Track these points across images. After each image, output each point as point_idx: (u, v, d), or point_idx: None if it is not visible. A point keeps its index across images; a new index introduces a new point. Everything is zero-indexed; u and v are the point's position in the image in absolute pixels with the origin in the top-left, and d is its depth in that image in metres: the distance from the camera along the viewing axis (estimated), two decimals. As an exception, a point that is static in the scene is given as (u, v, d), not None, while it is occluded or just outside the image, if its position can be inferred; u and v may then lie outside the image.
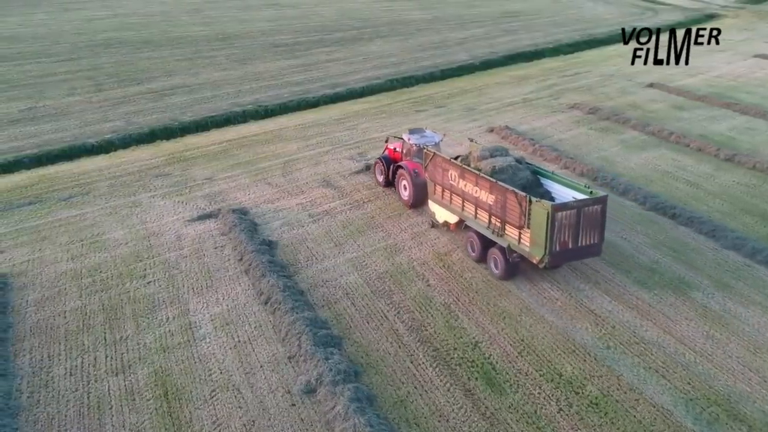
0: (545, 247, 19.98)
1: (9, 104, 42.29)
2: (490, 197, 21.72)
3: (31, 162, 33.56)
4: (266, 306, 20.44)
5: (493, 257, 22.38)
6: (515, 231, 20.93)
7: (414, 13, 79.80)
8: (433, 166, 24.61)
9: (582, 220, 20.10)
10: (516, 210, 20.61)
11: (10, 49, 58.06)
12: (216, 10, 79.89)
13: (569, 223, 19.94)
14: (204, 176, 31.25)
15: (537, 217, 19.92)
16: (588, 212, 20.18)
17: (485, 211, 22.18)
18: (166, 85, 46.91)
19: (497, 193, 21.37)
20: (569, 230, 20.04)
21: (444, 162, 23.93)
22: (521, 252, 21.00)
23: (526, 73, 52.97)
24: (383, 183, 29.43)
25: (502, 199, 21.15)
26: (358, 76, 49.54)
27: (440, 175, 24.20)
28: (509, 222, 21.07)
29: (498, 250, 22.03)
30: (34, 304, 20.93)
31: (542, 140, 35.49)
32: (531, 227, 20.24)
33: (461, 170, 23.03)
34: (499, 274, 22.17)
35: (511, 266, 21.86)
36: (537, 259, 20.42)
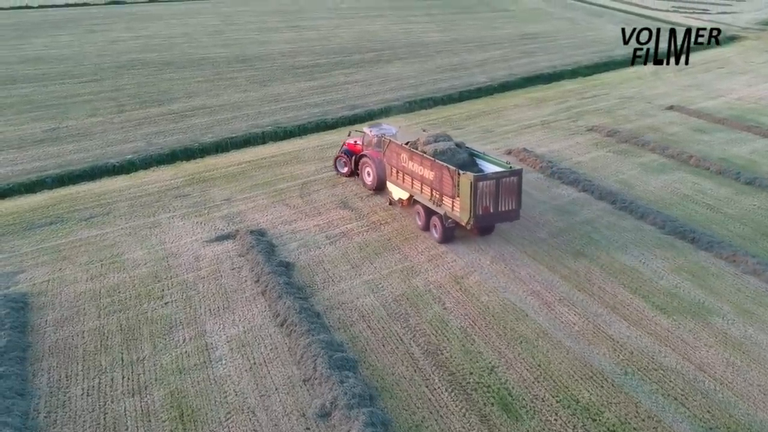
0: (470, 211, 24.46)
1: (33, 125, 42.98)
2: (431, 173, 26.15)
3: (53, 182, 34.05)
4: (282, 328, 20.48)
5: (433, 224, 26.86)
6: (449, 200, 25.37)
7: (433, 35, 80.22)
8: (389, 151, 28.98)
9: (500, 188, 24.69)
10: (449, 182, 25.08)
11: (35, 70, 59.09)
12: (237, 33, 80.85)
13: (489, 191, 24.51)
14: (223, 197, 31.49)
15: (463, 186, 24.40)
16: (505, 182, 24.78)
17: (428, 186, 26.58)
18: (186, 107, 47.46)
19: (436, 169, 25.82)
20: (490, 197, 24.61)
21: (397, 147, 28.29)
22: (454, 217, 25.48)
23: (544, 95, 52.98)
24: (347, 173, 33.44)
25: (440, 175, 25.63)
26: (376, 98, 49.82)
27: (395, 159, 28.61)
28: (445, 193, 25.53)
29: (437, 218, 26.47)
30: (53, 323, 21.13)
31: (560, 162, 35.42)
32: (460, 196, 24.69)
33: (410, 153, 27.43)
34: (438, 238, 26.54)
35: (447, 231, 26.25)
36: (465, 221, 24.91)
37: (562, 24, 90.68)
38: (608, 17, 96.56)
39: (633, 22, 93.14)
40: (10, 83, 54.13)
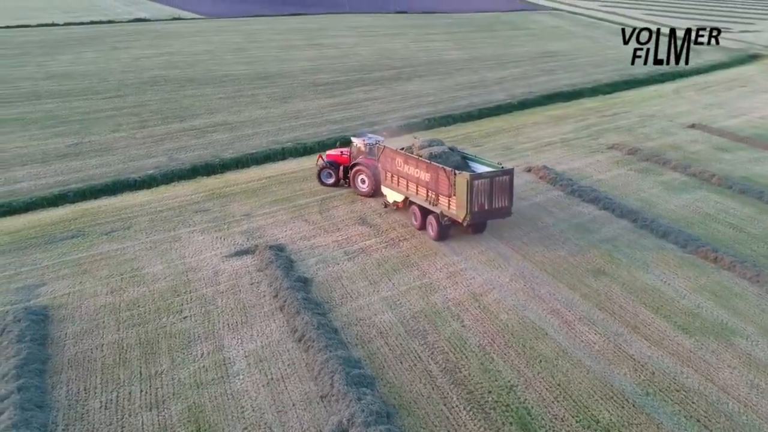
0: (466, 209, 26.02)
1: (57, 139, 43.54)
2: (427, 175, 27.76)
3: (75, 196, 34.40)
4: (300, 343, 20.45)
5: (429, 223, 28.37)
6: (446, 199, 26.98)
7: (452, 53, 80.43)
8: (384, 157, 30.56)
9: (494, 187, 26.39)
10: (445, 183, 26.72)
11: (60, 86, 59.95)
12: (259, 50, 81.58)
13: (484, 189, 26.18)
14: (242, 212, 31.63)
15: (460, 186, 26.05)
16: (498, 181, 26.51)
17: (423, 187, 28.22)
18: (208, 123, 47.86)
19: (432, 171, 27.47)
20: (484, 195, 26.25)
21: (392, 152, 29.89)
22: (450, 215, 27.08)
23: (564, 113, 52.83)
24: (333, 184, 34.67)
25: (435, 176, 27.29)
26: (395, 115, 49.95)
27: (389, 164, 30.18)
28: (441, 193, 27.17)
29: (433, 217, 28.01)
30: (72, 336, 21.26)
31: (580, 180, 35.23)
32: (456, 194, 26.33)
33: (406, 157, 29.06)
34: (434, 236, 28.16)
35: (443, 228, 27.82)
36: (461, 218, 26.49)
37: (582, 42, 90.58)
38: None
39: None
40: (35, 99, 54.94)
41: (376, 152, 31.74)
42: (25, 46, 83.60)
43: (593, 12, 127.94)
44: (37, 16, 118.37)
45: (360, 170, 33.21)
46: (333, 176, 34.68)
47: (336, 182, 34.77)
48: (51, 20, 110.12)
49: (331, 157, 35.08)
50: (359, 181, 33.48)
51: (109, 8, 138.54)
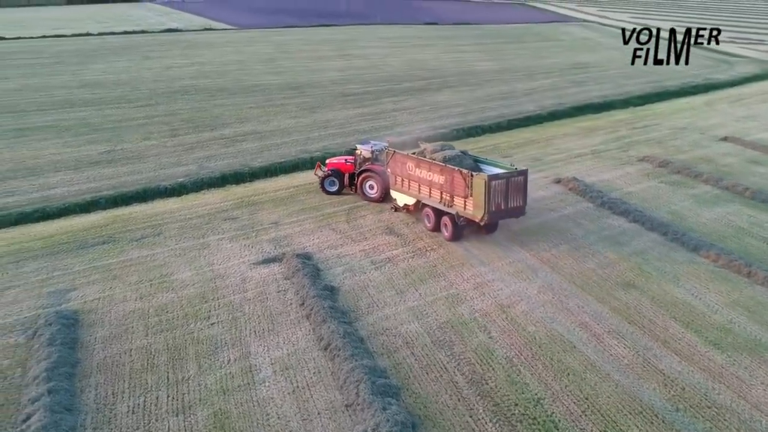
0: (484, 208, 26.91)
1: (89, 147, 44.23)
2: (441, 178, 28.60)
3: (107, 203, 34.89)
4: (326, 352, 20.44)
5: (444, 224, 29.19)
6: (461, 200, 27.85)
7: (482, 64, 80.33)
8: (393, 162, 31.35)
9: (509, 187, 27.44)
10: (461, 184, 27.60)
11: (93, 94, 60.97)
12: (289, 61, 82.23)
13: (500, 189, 27.18)
14: (270, 221, 31.81)
15: (477, 186, 26.94)
16: (513, 181, 27.59)
17: (437, 190, 29.01)
18: (238, 132, 48.30)
19: (447, 173, 28.32)
20: (501, 195, 27.27)
21: (403, 157, 30.73)
22: (466, 216, 27.92)
23: (594, 125, 52.42)
24: (336, 192, 34.95)
25: (450, 178, 28.13)
26: (425, 125, 49.89)
27: (399, 168, 30.99)
28: (456, 194, 27.99)
29: (448, 218, 28.83)
30: (101, 341, 21.49)
31: (610, 192, 34.87)
32: (473, 195, 27.19)
33: (418, 161, 29.89)
34: (448, 236, 29.02)
35: (458, 229, 28.70)
36: (479, 218, 27.36)
37: (613, 54, 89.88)
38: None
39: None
40: (69, 107, 55.94)
41: (385, 158, 32.41)
42: (61, 55, 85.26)
43: (624, 24, 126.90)
44: (72, 26, 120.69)
45: (368, 176, 33.74)
46: (336, 184, 35.01)
47: (339, 190, 35.08)
48: (86, 30, 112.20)
49: (333, 165, 35.40)
50: (367, 187, 34.00)
51: (142, 19, 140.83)
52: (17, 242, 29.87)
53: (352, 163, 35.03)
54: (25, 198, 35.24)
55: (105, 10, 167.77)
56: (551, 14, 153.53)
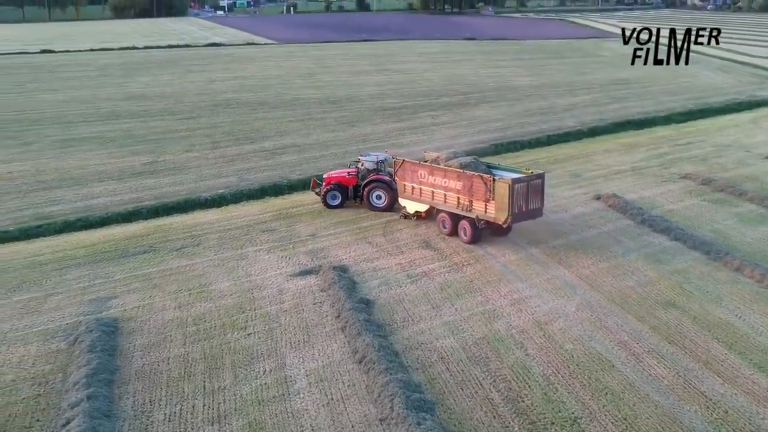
0: (508, 210, 27.95)
1: (133, 158, 45.12)
2: (459, 183, 29.48)
3: (148, 213, 35.54)
4: (360, 365, 20.42)
5: (462, 228, 30.00)
6: (481, 204, 28.79)
7: (522, 79, 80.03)
8: (402, 170, 32.22)
9: (529, 190, 28.69)
10: (482, 189, 28.60)
11: (138, 106, 62.27)
12: (328, 75, 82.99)
13: (522, 192, 28.39)
14: (308, 233, 32.01)
15: (500, 190, 28.01)
16: (533, 184, 28.91)
17: (454, 195, 29.85)
18: (277, 145, 48.83)
19: (465, 179, 29.21)
20: (522, 197, 28.44)
21: (415, 165, 31.67)
22: (487, 218, 28.93)
23: (635, 141, 51.75)
24: (338, 205, 35.08)
25: (469, 183, 29.05)
26: (462, 140, 49.87)
27: (410, 177, 31.78)
28: (476, 199, 28.94)
29: (467, 222, 29.68)
30: (140, 348, 21.79)
31: (651, 210, 34.32)
32: (495, 198, 28.17)
33: (432, 169, 30.82)
34: (467, 239, 29.87)
35: (477, 232, 29.61)
36: (502, 220, 28.37)
37: (655, 70, 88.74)
38: (704, 64, 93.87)
39: (730, 68, 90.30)
40: (114, 118, 57.20)
41: (393, 167, 33.15)
42: (107, 68, 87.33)
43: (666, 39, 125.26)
44: (118, 39, 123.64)
45: (375, 186, 34.29)
46: (339, 198, 35.16)
47: (342, 203, 35.25)
48: (131, 44, 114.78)
49: (335, 178, 35.51)
50: (374, 198, 34.52)
51: (186, 33, 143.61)
52: (61, 250, 30.55)
53: (353, 176, 35.30)
54: (69, 207, 36.09)
55: (150, 24, 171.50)
56: (591, 30, 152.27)
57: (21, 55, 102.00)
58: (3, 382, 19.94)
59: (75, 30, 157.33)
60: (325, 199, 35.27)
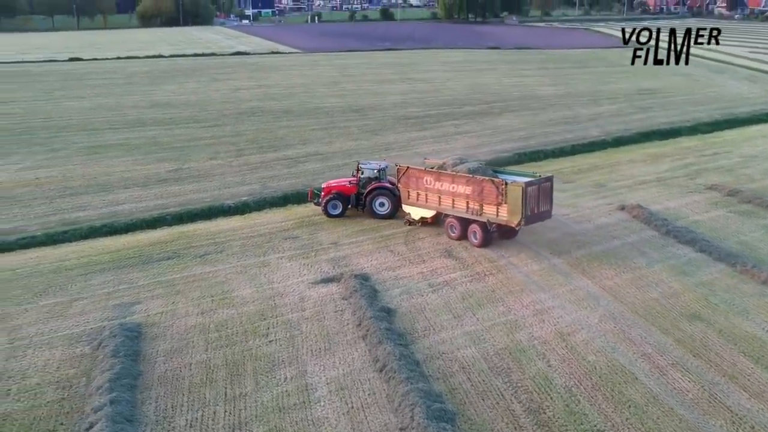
0: (521, 213, 28.64)
1: (158, 165, 45.61)
2: (468, 188, 30.11)
3: (173, 219, 35.88)
4: (381, 374, 20.40)
5: (473, 231, 30.61)
6: (493, 208, 29.46)
7: (546, 89, 79.71)
8: (406, 178, 32.67)
9: (540, 193, 29.61)
10: (493, 193, 29.29)
11: (164, 114, 62.98)
12: (352, 84, 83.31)
13: (534, 195, 29.24)
14: (330, 241, 32.09)
15: (513, 193, 28.68)
16: (543, 187, 29.94)
17: (463, 200, 30.48)
18: (301, 153, 49.07)
19: (475, 184, 29.86)
20: (534, 200, 29.27)
21: (418, 172, 32.25)
22: (499, 222, 29.70)
23: (660, 152, 51.26)
24: (339, 214, 34.95)
25: (480, 188, 29.71)
26: (485, 149, 49.77)
27: (414, 183, 32.30)
28: (487, 203, 29.59)
29: (477, 226, 30.31)
30: (163, 354, 21.96)
31: (676, 221, 33.95)
32: (508, 202, 28.82)
33: (438, 175, 31.39)
34: (478, 242, 30.53)
35: (488, 235, 30.36)
36: (515, 222, 29.10)
37: (680, 80, 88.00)
38: (731, 74, 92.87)
39: (758, 78, 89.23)
40: (140, 126, 57.90)
41: (396, 174, 33.38)
42: (133, 77, 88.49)
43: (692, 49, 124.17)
44: (145, 48, 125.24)
45: (378, 194, 34.44)
46: (340, 206, 35.02)
47: (343, 212, 35.15)
48: (158, 52, 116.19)
49: (335, 187, 35.43)
50: (377, 205, 34.61)
51: (212, 42, 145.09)
52: (86, 255, 30.92)
53: (354, 185, 35.30)
54: (95, 213, 36.55)
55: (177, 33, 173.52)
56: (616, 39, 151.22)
57: (50, 63, 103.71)
58: (28, 385, 20.21)
59: (103, 38, 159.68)
60: (325, 208, 35.12)
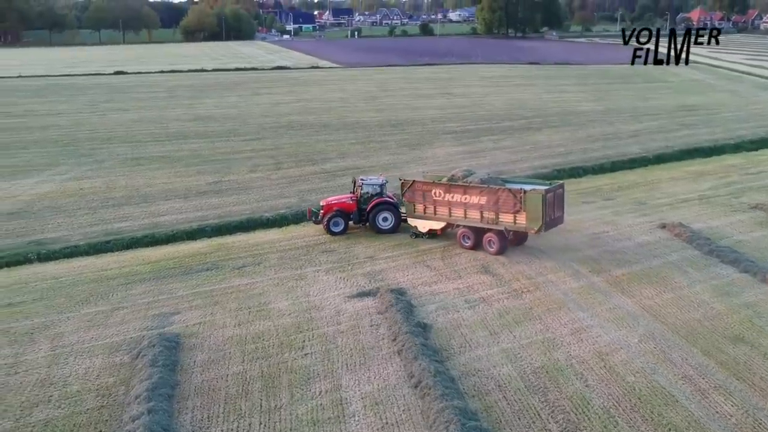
0: (542, 219, 29.49)
1: (199, 177, 46.29)
2: (483, 198, 30.73)
3: (212, 231, 36.37)
4: (416, 390, 20.29)
5: (489, 240, 31.35)
6: (510, 216, 30.21)
7: (586, 105, 79.05)
8: (412, 191, 32.97)
9: (555, 199, 30.77)
10: (510, 201, 29.99)
11: (205, 127, 63.98)
12: (391, 98, 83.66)
13: (552, 201, 30.37)
14: (366, 255, 32.14)
15: (533, 200, 29.50)
16: (558, 194, 31.12)
17: (476, 210, 31.02)
18: (338, 166, 49.37)
19: (490, 194, 30.55)
20: (552, 206, 30.37)
21: (426, 185, 32.61)
22: (519, 229, 30.55)
23: (703, 169, 50.36)
24: (342, 231, 34.74)
25: (495, 198, 30.40)
26: (524, 165, 49.49)
27: (420, 196, 32.65)
28: (503, 211, 30.31)
29: (494, 234, 31.02)
30: (200, 365, 22.17)
31: (719, 240, 33.23)
32: (527, 209, 29.59)
33: (448, 187, 31.90)
34: (496, 250, 31.21)
35: (505, 242, 31.12)
36: (535, 229, 29.91)
37: (724, 97, 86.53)
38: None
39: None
40: (182, 139, 58.90)
41: (401, 188, 33.70)
42: (176, 90, 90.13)
43: (736, 65, 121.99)
44: (188, 62, 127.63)
45: (382, 209, 34.65)
46: (342, 224, 34.87)
47: (345, 230, 34.97)
48: (200, 66, 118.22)
49: (336, 205, 35.28)
50: (381, 220, 34.79)
51: (253, 56, 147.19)
52: (128, 265, 31.46)
53: (354, 201, 35.23)
54: (137, 224, 37.22)
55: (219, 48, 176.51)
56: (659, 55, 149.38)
57: (96, 76, 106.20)
58: (69, 392, 20.56)
59: (147, 52, 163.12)
60: (328, 226, 34.79)
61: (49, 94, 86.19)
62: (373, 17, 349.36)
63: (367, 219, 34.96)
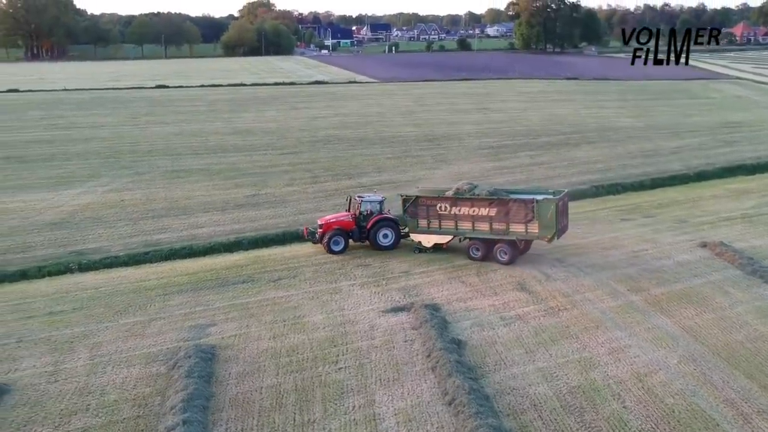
0: (555, 227, 30.78)
1: (236, 190, 46.82)
2: (492, 210, 31.64)
3: (249, 244, 36.70)
4: (450, 407, 20.12)
5: (500, 250, 31.97)
6: (521, 226, 31.22)
7: (625, 121, 78.14)
8: (414, 206, 33.43)
9: (564, 207, 32.12)
10: (521, 211, 31.08)
11: (244, 141, 64.73)
12: (427, 113, 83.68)
13: (562, 210, 31.56)
14: (401, 270, 32.09)
15: (545, 210, 30.65)
16: (565, 202, 32.44)
17: (485, 222, 31.84)
18: (374, 181, 49.50)
19: (500, 206, 31.55)
20: (561, 214, 31.53)
21: (430, 200, 33.18)
22: (532, 238, 31.70)
23: (746, 187, 49.33)
24: (342, 250, 34.43)
25: (505, 209, 31.44)
26: (562, 181, 49.00)
27: (424, 211, 33.18)
28: (514, 221, 31.29)
29: (505, 244, 31.78)
30: (235, 377, 22.31)
31: (763, 260, 32.43)
32: (539, 218, 30.64)
33: (454, 200, 32.58)
34: (507, 260, 31.89)
35: (516, 252, 31.95)
36: (548, 237, 31.09)
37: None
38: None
39: None
40: (221, 152, 59.65)
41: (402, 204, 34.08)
42: (216, 104, 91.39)
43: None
44: (228, 76, 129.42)
45: (382, 226, 34.63)
46: (342, 242, 34.52)
47: (345, 248, 34.58)
48: (240, 81, 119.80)
49: (334, 223, 34.94)
50: (381, 237, 34.79)
51: (292, 71, 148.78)
52: (166, 276, 31.89)
53: (353, 219, 34.94)
54: (175, 235, 37.74)
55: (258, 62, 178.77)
56: (700, 71, 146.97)
57: (138, 90, 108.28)
58: (106, 401, 20.84)
59: (188, 67, 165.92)
60: (328, 244, 34.40)
61: (92, 107, 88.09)
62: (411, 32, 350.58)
63: (368, 236, 34.82)
